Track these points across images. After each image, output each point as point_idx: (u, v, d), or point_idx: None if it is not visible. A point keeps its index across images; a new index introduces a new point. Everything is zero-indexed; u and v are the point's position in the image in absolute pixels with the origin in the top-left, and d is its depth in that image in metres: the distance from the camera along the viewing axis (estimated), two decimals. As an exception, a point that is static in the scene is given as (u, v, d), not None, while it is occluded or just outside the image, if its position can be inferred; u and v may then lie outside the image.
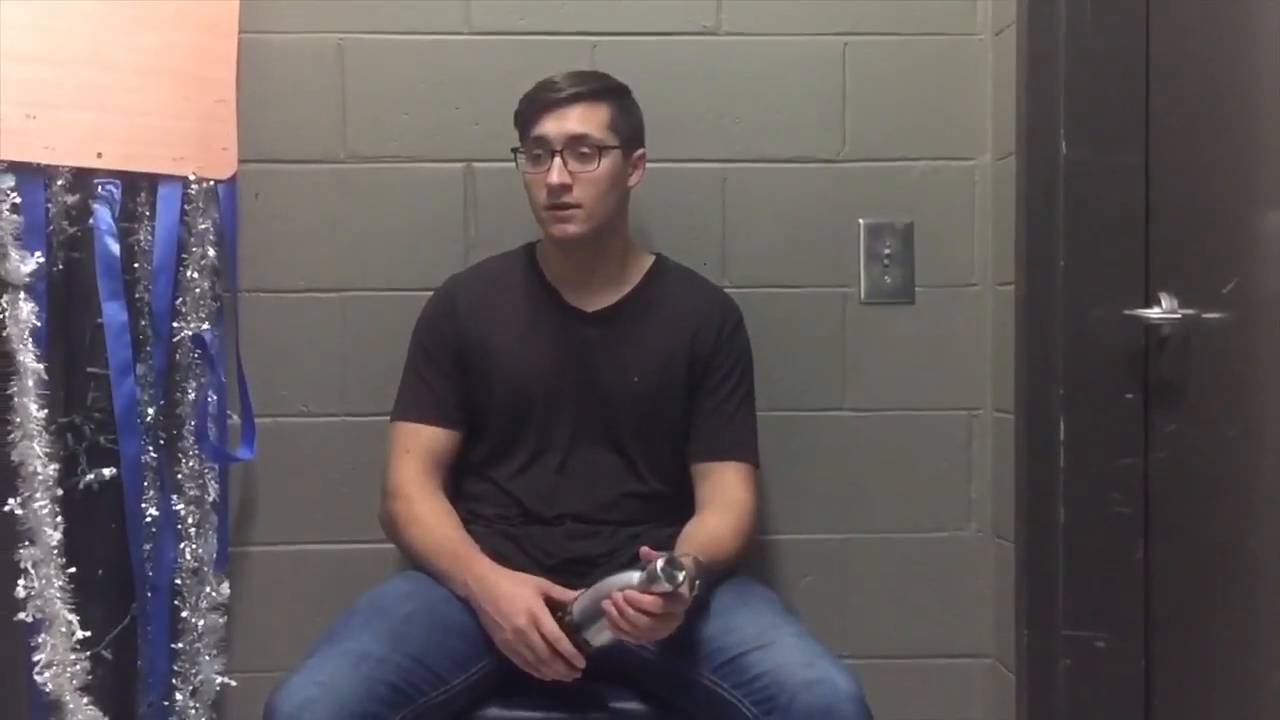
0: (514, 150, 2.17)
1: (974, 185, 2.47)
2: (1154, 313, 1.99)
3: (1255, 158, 1.78)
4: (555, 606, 1.92)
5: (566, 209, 2.10)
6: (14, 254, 2.09)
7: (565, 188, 2.09)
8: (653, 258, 2.28)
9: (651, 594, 1.81)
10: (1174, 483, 2.04)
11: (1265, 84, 1.75)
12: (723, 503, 2.14)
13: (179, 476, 2.31)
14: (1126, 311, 2.05)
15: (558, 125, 2.10)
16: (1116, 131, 2.11)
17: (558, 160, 2.10)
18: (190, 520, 2.32)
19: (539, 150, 2.12)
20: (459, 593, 2.01)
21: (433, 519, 2.12)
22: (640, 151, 2.20)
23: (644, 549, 1.87)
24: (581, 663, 1.89)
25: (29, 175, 2.12)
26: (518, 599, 1.94)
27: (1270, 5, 1.72)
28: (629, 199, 2.21)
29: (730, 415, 2.20)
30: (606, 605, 1.84)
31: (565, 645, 1.89)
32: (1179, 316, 1.96)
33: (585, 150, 2.11)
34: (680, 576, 1.80)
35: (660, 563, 1.80)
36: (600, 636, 1.88)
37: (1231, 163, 1.85)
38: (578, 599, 1.90)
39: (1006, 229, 2.36)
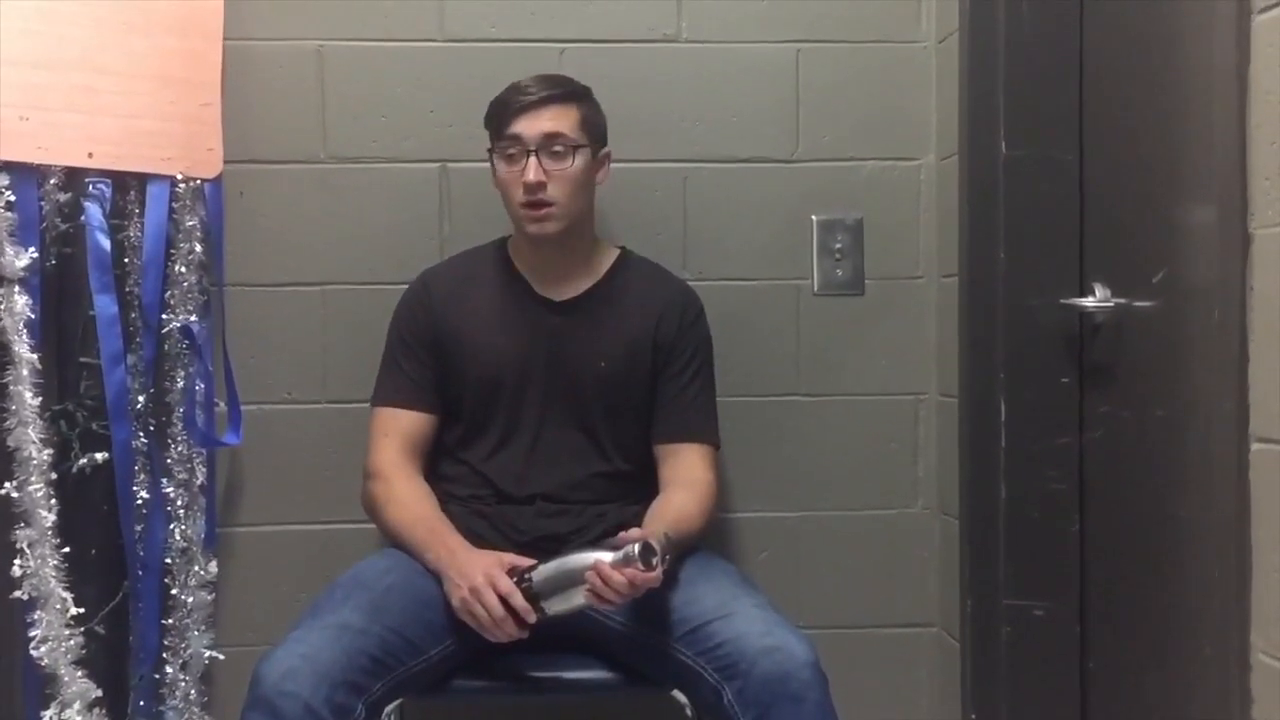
0: (489, 150, 2.13)
1: (919, 183, 2.46)
2: (1088, 301, 2.00)
3: (1182, 156, 1.77)
4: (514, 575, 1.88)
5: (542, 207, 2.07)
6: (9, 249, 2.09)
7: (541, 185, 2.06)
8: (618, 251, 2.25)
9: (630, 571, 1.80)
10: (1107, 460, 2.04)
11: (1190, 88, 1.74)
12: (686, 481, 2.12)
13: (168, 461, 2.29)
14: (1062, 300, 2.05)
15: (532, 125, 2.07)
16: (1052, 132, 2.10)
17: (533, 159, 2.06)
18: (179, 502, 2.29)
19: (514, 149, 2.08)
20: (430, 565, 1.98)
21: (410, 498, 2.10)
22: (605, 150, 2.18)
23: (621, 534, 1.86)
24: (532, 619, 1.85)
25: (23, 174, 2.11)
26: (478, 563, 1.91)
27: (1194, 16, 1.71)
28: (595, 195, 2.19)
29: (692, 399, 2.18)
30: (590, 576, 1.81)
31: (519, 600, 1.84)
32: (1111, 305, 1.96)
33: (559, 149, 2.08)
34: (654, 561, 1.80)
35: (637, 547, 1.79)
36: (557, 605, 1.85)
37: (1160, 161, 1.85)
38: (539, 568, 1.87)
39: (950, 224, 2.36)
